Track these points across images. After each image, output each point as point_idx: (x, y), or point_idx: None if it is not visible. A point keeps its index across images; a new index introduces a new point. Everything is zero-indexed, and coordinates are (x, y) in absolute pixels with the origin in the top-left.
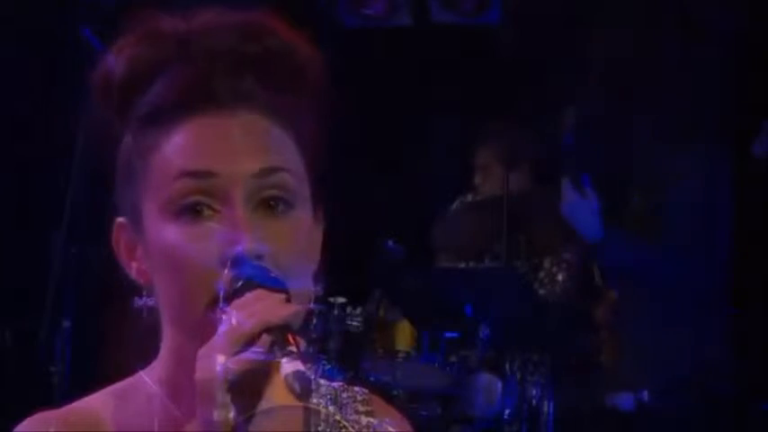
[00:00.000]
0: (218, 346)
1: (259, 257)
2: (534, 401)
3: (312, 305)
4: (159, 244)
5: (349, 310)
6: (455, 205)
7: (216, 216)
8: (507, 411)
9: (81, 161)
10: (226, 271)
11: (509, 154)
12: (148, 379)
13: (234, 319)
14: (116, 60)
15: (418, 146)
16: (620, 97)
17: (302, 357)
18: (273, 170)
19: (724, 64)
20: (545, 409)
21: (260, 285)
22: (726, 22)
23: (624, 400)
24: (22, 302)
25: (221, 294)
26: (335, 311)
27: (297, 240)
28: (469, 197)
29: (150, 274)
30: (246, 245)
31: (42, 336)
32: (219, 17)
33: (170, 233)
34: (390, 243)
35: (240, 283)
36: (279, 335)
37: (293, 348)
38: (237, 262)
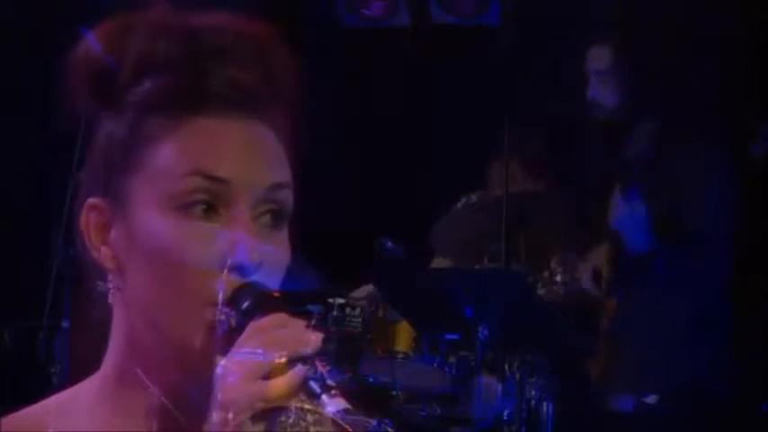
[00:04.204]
0: (245, 373)
1: (260, 264)
2: (533, 402)
3: (312, 306)
4: (154, 235)
5: (348, 310)
6: (459, 206)
7: (219, 219)
8: (506, 412)
9: (81, 161)
10: (225, 273)
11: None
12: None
13: (255, 341)
14: (118, 43)
15: (417, 146)
16: (621, 98)
17: (341, 392)
18: (280, 186)
19: (726, 65)
20: (544, 409)
21: (263, 290)
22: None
23: (623, 402)
24: (22, 302)
25: (221, 296)
26: (335, 312)
27: (287, 254)
28: (474, 198)
29: (124, 261)
30: (250, 250)
31: (42, 336)
32: (224, 19)
33: (170, 227)
34: (390, 243)
35: (246, 289)
36: (312, 366)
37: (331, 383)
38: (241, 266)
